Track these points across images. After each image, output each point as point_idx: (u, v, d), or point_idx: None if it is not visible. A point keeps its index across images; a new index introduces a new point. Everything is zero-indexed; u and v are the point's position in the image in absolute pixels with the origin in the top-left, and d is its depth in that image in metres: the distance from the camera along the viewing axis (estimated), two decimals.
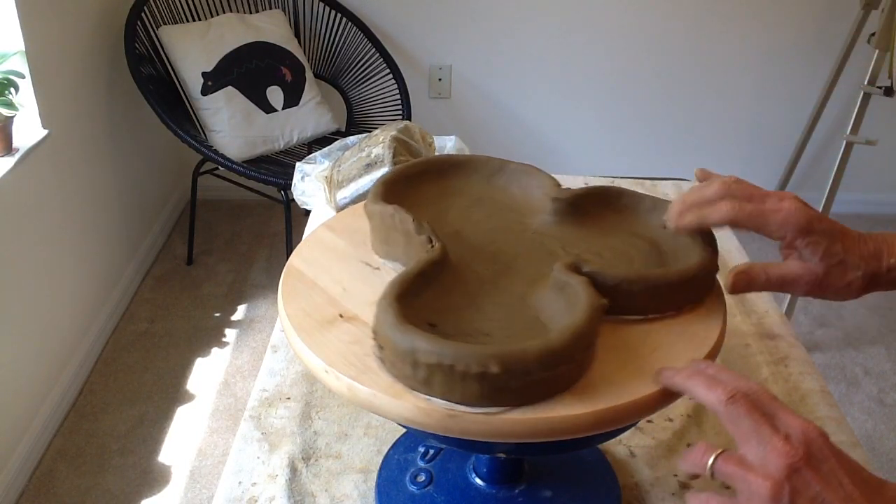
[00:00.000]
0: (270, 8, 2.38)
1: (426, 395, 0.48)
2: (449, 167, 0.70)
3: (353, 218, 0.68)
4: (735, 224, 0.55)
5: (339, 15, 2.40)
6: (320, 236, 0.66)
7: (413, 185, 0.67)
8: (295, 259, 0.62)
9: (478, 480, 0.66)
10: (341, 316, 0.55)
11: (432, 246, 0.57)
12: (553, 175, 0.69)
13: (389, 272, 0.60)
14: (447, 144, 1.10)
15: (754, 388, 0.46)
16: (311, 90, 2.29)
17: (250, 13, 2.33)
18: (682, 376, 0.49)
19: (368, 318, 0.54)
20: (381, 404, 0.49)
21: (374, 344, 0.51)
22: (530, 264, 0.60)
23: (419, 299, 0.53)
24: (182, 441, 1.78)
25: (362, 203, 0.68)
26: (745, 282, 0.57)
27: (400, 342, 0.48)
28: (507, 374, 0.46)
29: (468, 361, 0.46)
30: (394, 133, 0.99)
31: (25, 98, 1.68)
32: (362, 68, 2.42)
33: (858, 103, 2.06)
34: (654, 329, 0.55)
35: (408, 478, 0.67)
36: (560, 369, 0.48)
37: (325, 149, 1.12)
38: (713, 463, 0.45)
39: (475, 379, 0.47)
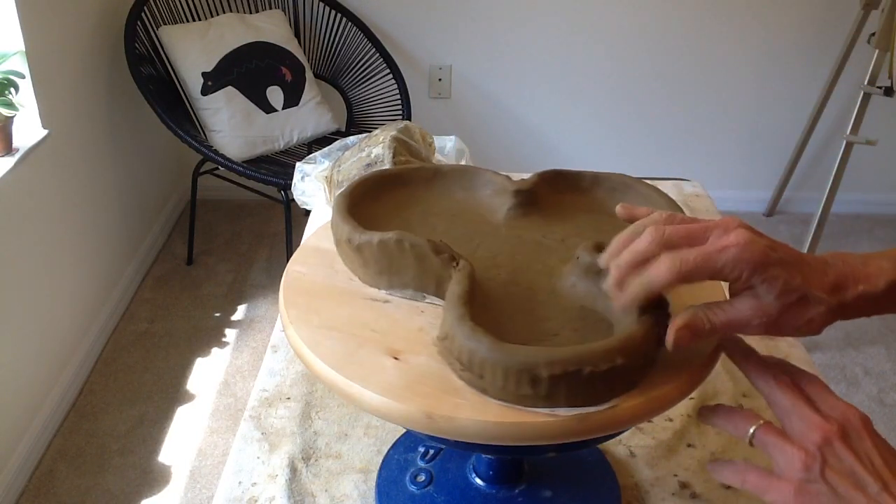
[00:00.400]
0: (270, 8, 2.38)
1: (549, 407, 0.47)
2: (388, 181, 0.68)
3: (317, 255, 0.63)
4: (684, 280, 0.47)
5: (339, 15, 2.40)
6: (298, 280, 0.60)
7: (364, 207, 0.63)
8: (292, 312, 0.56)
9: (478, 480, 0.66)
10: (396, 358, 0.52)
11: (456, 263, 0.55)
12: None
13: (401, 303, 0.57)
14: (447, 144, 1.10)
15: (804, 374, 0.49)
16: (311, 90, 2.29)
17: (250, 13, 2.33)
18: (739, 352, 0.51)
19: (423, 352, 0.52)
20: (505, 433, 0.47)
21: (467, 375, 0.49)
22: (532, 259, 0.60)
23: (474, 318, 0.51)
24: (182, 441, 1.78)
25: (318, 236, 0.65)
26: (689, 336, 0.48)
27: (512, 363, 0.46)
28: (629, 362, 0.47)
29: (595, 361, 0.46)
30: (394, 133, 0.99)
31: (25, 98, 1.68)
32: (362, 68, 2.42)
33: (858, 103, 2.06)
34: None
35: (408, 478, 0.67)
36: (660, 344, 0.49)
37: (325, 149, 1.12)
38: (755, 430, 0.47)
39: (602, 376, 0.46)
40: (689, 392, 0.50)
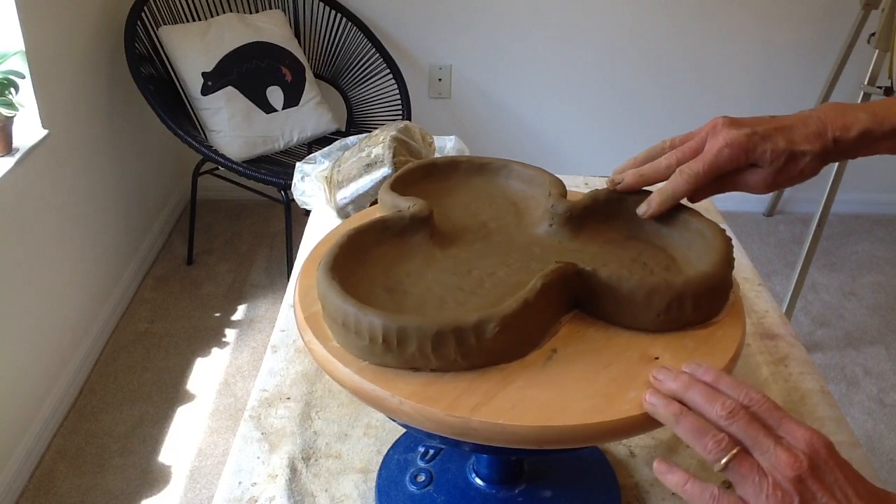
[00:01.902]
0: (270, 8, 2.38)
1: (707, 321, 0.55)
2: (337, 269, 0.55)
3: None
4: (700, 186, 0.60)
5: (339, 15, 2.40)
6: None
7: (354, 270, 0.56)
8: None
9: (478, 480, 0.66)
10: (657, 358, 0.52)
11: (580, 270, 0.54)
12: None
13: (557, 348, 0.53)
14: (447, 144, 1.10)
15: (755, 399, 0.47)
16: (311, 90, 2.29)
17: (250, 13, 2.33)
18: (679, 383, 0.48)
19: (671, 349, 0.53)
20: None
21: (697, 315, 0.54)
22: (522, 255, 0.60)
23: None
24: (182, 441, 1.78)
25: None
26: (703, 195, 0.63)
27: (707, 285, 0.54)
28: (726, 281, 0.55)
29: (725, 271, 0.55)
30: (394, 133, 0.99)
31: (25, 98, 1.68)
32: (362, 68, 2.42)
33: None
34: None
35: (408, 478, 0.67)
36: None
37: (325, 149, 1.12)
38: (729, 459, 0.45)
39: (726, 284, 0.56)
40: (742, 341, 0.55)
